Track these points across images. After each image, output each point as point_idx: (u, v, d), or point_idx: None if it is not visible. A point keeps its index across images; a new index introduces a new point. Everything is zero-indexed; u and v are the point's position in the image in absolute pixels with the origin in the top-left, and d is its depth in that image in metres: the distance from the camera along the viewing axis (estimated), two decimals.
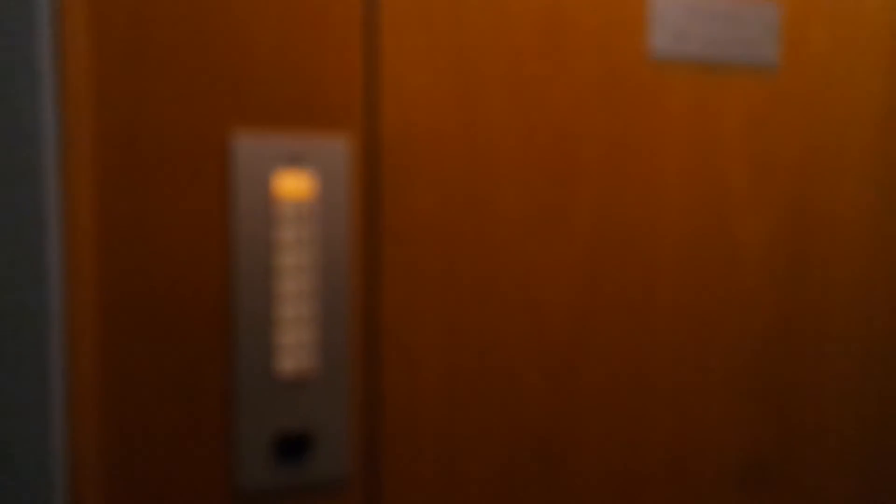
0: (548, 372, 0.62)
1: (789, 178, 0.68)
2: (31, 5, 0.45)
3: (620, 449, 0.65)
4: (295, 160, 0.54)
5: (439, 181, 0.58)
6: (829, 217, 0.70)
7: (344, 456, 0.56)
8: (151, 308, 0.51)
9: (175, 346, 0.52)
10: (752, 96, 0.66)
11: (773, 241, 0.68)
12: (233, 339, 0.53)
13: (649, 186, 0.64)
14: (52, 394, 0.46)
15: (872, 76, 0.71)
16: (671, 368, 0.66)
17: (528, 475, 0.62)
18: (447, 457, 0.60)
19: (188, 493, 0.53)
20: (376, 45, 0.56)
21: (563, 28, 0.60)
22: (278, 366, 0.54)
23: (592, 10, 0.61)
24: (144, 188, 0.51)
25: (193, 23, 0.51)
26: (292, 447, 0.55)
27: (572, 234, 0.62)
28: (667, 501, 0.67)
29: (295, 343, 0.54)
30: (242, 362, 0.53)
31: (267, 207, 0.53)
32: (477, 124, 0.58)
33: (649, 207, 0.64)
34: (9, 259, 0.45)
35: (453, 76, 0.58)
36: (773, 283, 0.69)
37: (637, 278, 0.64)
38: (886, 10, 0.71)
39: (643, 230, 0.64)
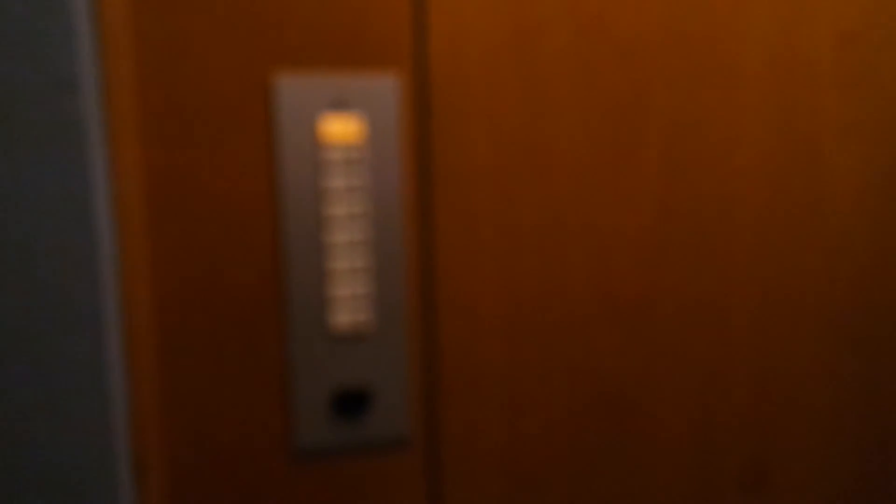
0: (616, 318, 0.58)
1: (884, 102, 0.61)
2: None
3: (697, 397, 0.61)
4: (341, 102, 0.51)
5: (494, 120, 0.54)
6: None
7: (403, 412, 0.54)
8: (201, 263, 0.50)
9: (227, 302, 0.51)
10: (845, 11, 0.59)
11: (868, 170, 0.62)
12: (285, 292, 0.51)
13: (726, 110, 0.58)
14: (110, 355, 0.45)
15: None
16: (752, 311, 0.61)
17: (598, 430, 0.59)
18: (510, 412, 0.57)
19: (248, 451, 0.52)
20: None
21: None
22: (333, 320, 0.52)
23: None
24: (188, 135, 0.49)
25: None
26: (350, 404, 0.53)
27: (640, 168, 0.57)
28: (747, 453, 0.63)
29: (349, 296, 0.52)
30: (296, 317, 0.51)
31: (314, 153, 0.50)
32: (533, 58, 0.54)
33: (727, 132, 0.58)
34: (57, 216, 0.44)
35: (508, 6, 0.53)
36: (866, 221, 0.62)
37: (712, 213, 0.59)
38: None
39: (720, 158, 0.59)
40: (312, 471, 0.53)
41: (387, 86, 0.51)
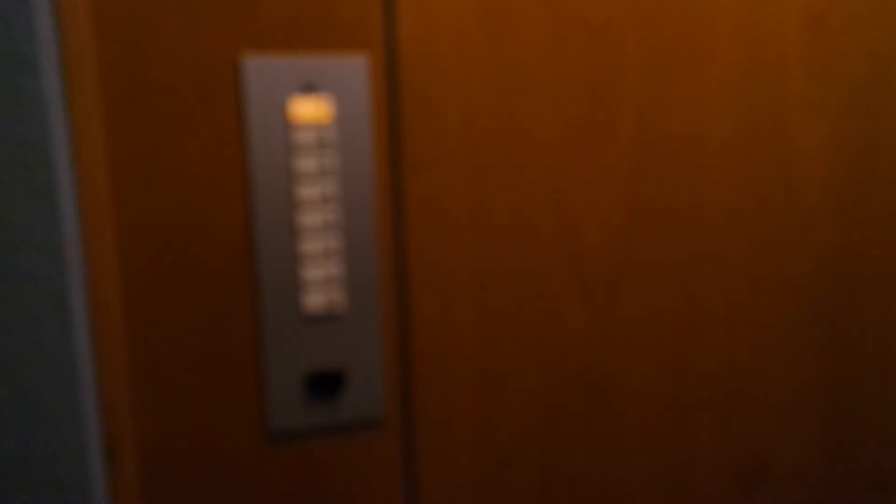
0: (589, 302, 0.59)
1: (850, 83, 0.62)
2: None
3: (667, 373, 0.62)
4: (311, 84, 0.50)
5: (466, 101, 0.54)
6: (894, 126, 0.65)
7: (378, 393, 0.54)
8: (169, 245, 0.50)
9: (197, 284, 0.50)
10: None
11: (832, 150, 0.63)
12: (256, 274, 0.51)
13: (697, 92, 0.59)
14: (78, 338, 0.45)
15: None
16: (722, 293, 0.62)
17: (570, 407, 0.60)
18: (484, 391, 0.58)
19: (222, 434, 0.52)
20: None
21: None
22: (305, 302, 0.52)
23: None
24: (154, 119, 0.48)
25: None
26: (325, 385, 0.53)
27: (611, 148, 0.58)
28: (718, 438, 0.64)
29: (321, 278, 0.52)
30: (268, 299, 0.51)
31: (284, 134, 0.50)
32: (505, 39, 0.54)
33: (696, 112, 0.59)
34: (20, 198, 0.43)
35: None
36: (831, 195, 0.64)
37: (684, 195, 0.60)
38: None
39: (689, 137, 0.59)
40: (288, 452, 0.53)
41: (357, 68, 0.51)
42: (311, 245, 0.51)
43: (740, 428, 0.65)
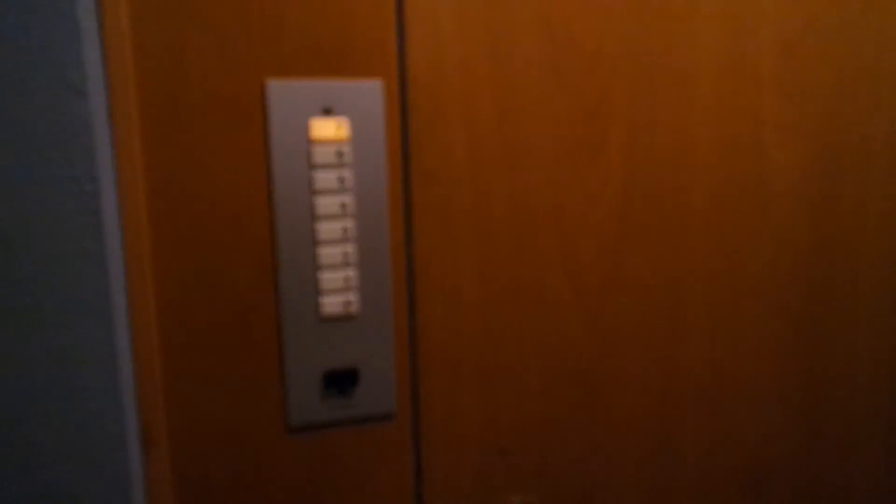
0: (583, 305, 0.64)
1: (823, 108, 0.67)
2: None
3: (655, 373, 0.67)
4: (330, 106, 0.55)
5: (470, 121, 0.58)
6: (863, 148, 0.70)
7: (389, 389, 0.59)
8: (200, 253, 0.54)
9: (225, 289, 0.54)
10: (786, 22, 0.65)
11: (807, 171, 0.68)
12: (279, 281, 0.55)
13: (681, 113, 0.63)
14: (119, 337, 0.49)
15: None
16: (704, 298, 0.67)
17: (567, 403, 0.65)
18: (487, 388, 0.62)
19: (247, 427, 0.56)
20: None
21: None
22: (323, 305, 0.56)
23: None
24: (187, 137, 0.52)
25: None
26: (341, 382, 0.57)
27: (603, 165, 0.62)
28: (701, 431, 0.69)
29: (338, 283, 0.56)
30: (289, 304, 0.55)
31: (305, 153, 0.55)
32: (507, 65, 0.58)
33: (680, 132, 0.64)
34: (70, 211, 0.47)
35: (482, 18, 0.57)
36: (805, 212, 0.69)
37: (668, 205, 0.64)
38: None
39: (674, 155, 0.64)
40: (306, 443, 0.58)
41: (372, 91, 0.56)
42: (328, 252, 0.56)
43: (723, 421, 0.70)
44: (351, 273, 0.57)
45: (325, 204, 0.55)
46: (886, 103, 0.70)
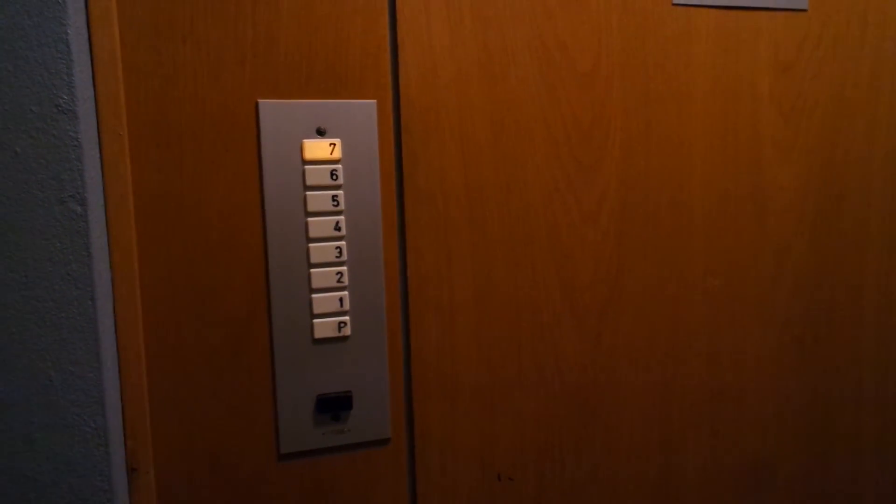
0: (581, 326, 0.63)
1: (819, 124, 0.67)
2: None
3: (656, 400, 0.66)
4: (323, 127, 0.54)
5: (465, 140, 0.58)
6: (862, 164, 0.69)
7: (383, 413, 0.58)
8: (190, 276, 0.53)
9: (215, 312, 0.53)
10: (782, 40, 0.65)
11: (806, 187, 0.68)
12: (271, 303, 0.54)
13: (677, 132, 0.63)
14: (103, 365, 0.48)
15: None
16: (704, 319, 0.66)
17: (564, 426, 0.63)
18: (483, 411, 0.61)
19: (238, 453, 0.55)
20: (397, 13, 0.56)
21: None
22: (316, 329, 0.55)
23: None
24: (178, 158, 0.52)
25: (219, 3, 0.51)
26: (334, 407, 0.56)
27: (601, 186, 0.62)
28: (701, 453, 0.68)
29: (331, 306, 0.55)
30: (281, 326, 0.55)
31: (298, 173, 0.54)
32: (502, 83, 0.58)
33: (678, 150, 0.63)
34: (57, 233, 0.47)
35: (477, 36, 0.57)
36: (804, 228, 0.68)
37: (666, 222, 0.64)
38: None
39: (672, 173, 0.64)
40: (298, 469, 0.56)
41: (366, 111, 0.55)
42: (322, 273, 0.55)
43: (724, 443, 0.68)
44: (344, 294, 0.56)
45: (318, 225, 0.55)
46: (884, 119, 0.70)
